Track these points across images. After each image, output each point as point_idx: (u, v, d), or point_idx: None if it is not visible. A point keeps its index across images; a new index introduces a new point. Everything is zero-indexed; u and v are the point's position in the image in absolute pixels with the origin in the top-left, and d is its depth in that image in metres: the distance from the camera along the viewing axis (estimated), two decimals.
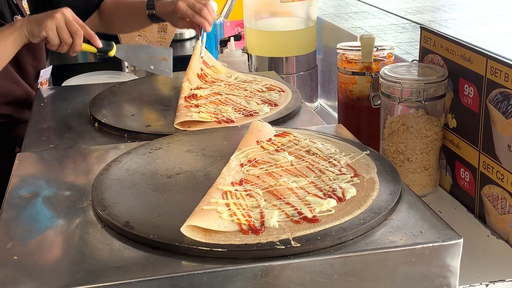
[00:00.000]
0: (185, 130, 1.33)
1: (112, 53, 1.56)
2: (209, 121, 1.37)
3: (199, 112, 1.41)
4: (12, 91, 1.66)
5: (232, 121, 1.36)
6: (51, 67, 1.81)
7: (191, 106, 1.46)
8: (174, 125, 1.36)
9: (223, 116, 1.39)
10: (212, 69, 1.68)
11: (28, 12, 1.75)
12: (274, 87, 1.58)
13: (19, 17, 1.69)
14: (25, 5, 1.74)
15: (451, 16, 8.48)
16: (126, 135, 1.35)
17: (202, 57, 1.67)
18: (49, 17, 1.43)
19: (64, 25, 1.44)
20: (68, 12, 1.46)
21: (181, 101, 1.49)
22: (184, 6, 1.64)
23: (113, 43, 1.56)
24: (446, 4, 9.11)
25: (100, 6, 1.84)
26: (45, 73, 1.76)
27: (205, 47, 1.70)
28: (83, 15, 1.78)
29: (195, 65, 1.63)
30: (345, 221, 0.92)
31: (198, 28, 1.67)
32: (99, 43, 1.52)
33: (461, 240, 0.90)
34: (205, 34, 1.67)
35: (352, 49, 1.63)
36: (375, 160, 1.12)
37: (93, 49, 1.55)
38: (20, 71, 1.70)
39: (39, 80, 1.75)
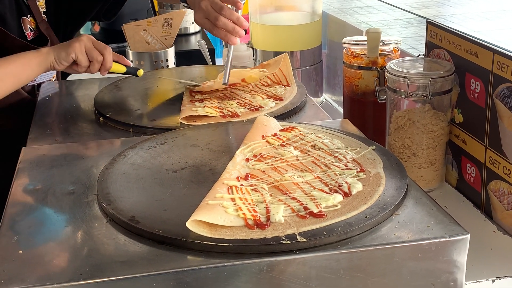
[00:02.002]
0: (190, 125, 1.33)
1: (141, 73, 1.60)
2: (214, 115, 1.37)
3: (204, 107, 1.40)
4: (7, 97, 1.58)
5: (237, 116, 1.36)
6: (54, 71, 1.76)
7: (196, 100, 1.46)
8: (179, 120, 1.36)
9: (228, 110, 1.39)
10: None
11: (42, 10, 1.73)
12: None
13: (26, 18, 1.67)
14: (39, 2, 1.72)
15: (457, 10, 8.46)
16: (131, 130, 1.35)
17: (225, 84, 1.46)
18: (76, 41, 1.48)
19: (91, 45, 1.50)
20: (92, 37, 1.52)
21: (186, 96, 1.49)
22: (200, 17, 1.44)
23: (140, 67, 1.64)
24: None
25: None
26: (43, 76, 1.71)
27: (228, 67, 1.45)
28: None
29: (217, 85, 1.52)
30: (351, 216, 0.92)
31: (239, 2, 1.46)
32: (128, 62, 1.57)
33: (468, 236, 0.89)
34: (231, 51, 1.44)
35: (358, 44, 1.63)
36: (381, 155, 1.11)
37: (122, 69, 1.57)
38: None
39: (33, 83, 1.71)
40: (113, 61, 1.54)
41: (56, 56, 1.48)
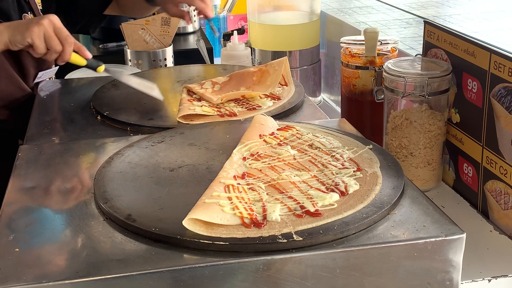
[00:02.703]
0: (188, 124, 1.33)
1: (101, 69, 1.48)
2: (212, 114, 1.37)
3: (201, 106, 1.40)
4: (11, 93, 1.60)
5: (235, 115, 1.36)
6: (56, 68, 1.75)
7: (193, 100, 1.46)
8: (177, 119, 1.36)
9: (226, 109, 1.39)
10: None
11: (40, 7, 1.73)
12: None
13: (27, 15, 1.66)
14: (37, 0, 1.72)
15: (455, 11, 8.46)
16: (128, 128, 1.35)
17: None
18: (36, 24, 1.34)
19: (52, 32, 1.36)
20: (56, 19, 1.38)
21: (184, 95, 1.49)
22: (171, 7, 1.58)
23: (102, 62, 1.50)
24: None
25: None
26: (46, 74, 1.71)
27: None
28: (97, 6, 1.76)
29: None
30: (348, 215, 0.92)
31: (188, 16, 1.62)
32: (89, 54, 1.44)
33: (464, 235, 0.89)
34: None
35: (355, 43, 1.63)
36: (378, 155, 1.11)
37: (82, 62, 1.45)
38: (21, 73, 1.64)
39: (35, 81, 1.69)
40: (74, 51, 1.42)
41: (11, 37, 1.35)
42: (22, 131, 1.38)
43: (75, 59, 1.42)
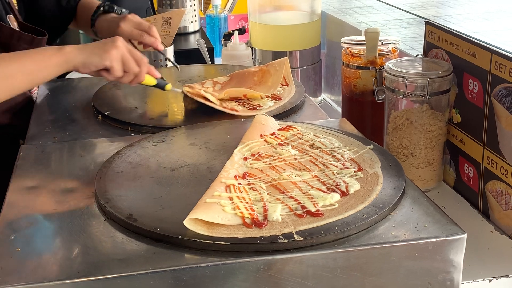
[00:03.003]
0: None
1: (169, 87, 1.43)
2: (215, 103, 1.39)
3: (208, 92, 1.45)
4: (13, 97, 1.49)
5: (236, 111, 1.37)
6: None
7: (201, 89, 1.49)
8: (183, 89, 1.43)
9: (227, 106, 1.40)
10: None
11: (17, 8, 1.70)
12: None
13: (11, 16, 1.61)
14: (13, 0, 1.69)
15: (456, 11, 8.46)
16: (129, 128, 1.35)
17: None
18: (112, 46, 1.29)
19: (129, 55, 1.32)
20: (125, 42, 1.34)
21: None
22: (128, 27, 1.54)
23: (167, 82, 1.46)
24: None
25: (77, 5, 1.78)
26: None
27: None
28: (59, 23, 1.71)
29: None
30: (349, 215, 0.92)
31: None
32: (158, 74, 1.41)
33: (465, 236, 0.89)
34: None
35: (356, 43, 1.63)
36: (379, 155, 1.11)
37: (152, 82, 1.40)
38: None
39: None
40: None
41: (86, 59, 1.28)
42: (23, 132, 1.37)
43: (146, 79, 1.39)
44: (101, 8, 1.67)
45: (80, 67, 1.29)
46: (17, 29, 1.54)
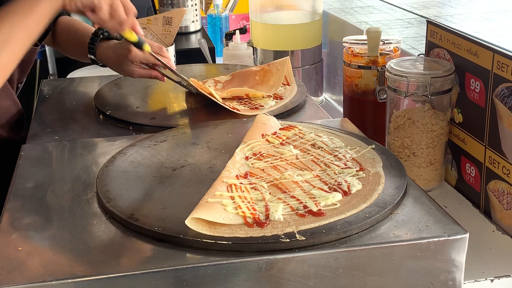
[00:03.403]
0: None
1: (147, 48, 1.39)
2: (218, 99, 1.40)
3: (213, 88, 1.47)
4: (9, 110, 1.47)
5: (238, 110, 1.37)
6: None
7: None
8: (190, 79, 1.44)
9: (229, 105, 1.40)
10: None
11: None
12: None
13: None
14: None
15: (457, 11, 8.46)
16: (131, 127, 1.35)
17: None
18: None
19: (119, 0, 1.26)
20: None
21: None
22: (140, 52, 1.40)
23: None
24: None
25: (56, 21, 1.61)
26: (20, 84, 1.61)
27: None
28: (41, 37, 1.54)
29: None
30: (350, 215, 0.92)
31: (158, 74, 1.47)
32: (141, 31, 1.36)
33: (467, 235, 0.89)
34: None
35: (358, 43, 1.63)
36: (381, 154, 1.11)
37: (133, 37, 1.36)
38: (12, 86, 1.51)
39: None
40: None
41: None
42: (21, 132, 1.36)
43: (128, 33, 1.34)
44: (101, 36, 1.52)
45: (66, 5, 1.20)
46: None
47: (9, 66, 1.13)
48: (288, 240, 0.86)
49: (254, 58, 2.03)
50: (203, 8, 2.72)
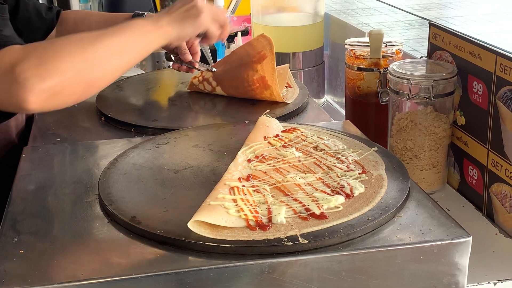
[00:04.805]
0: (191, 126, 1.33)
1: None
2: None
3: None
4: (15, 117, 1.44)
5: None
6: None
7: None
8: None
9: None
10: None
11: None
12: None
13: None
14: None
15: (458, 13, 8.45)
16: (132, 130, 1.35)
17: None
18: (197, 10, 1.22)
19: (212, 10, 1.27)
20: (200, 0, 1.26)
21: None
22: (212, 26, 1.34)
23: None
24: (453, 1, 9.08)
25: (59, 18, 1.59)
26: None
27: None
28: (43, 33, 1.56)
29: None
30: (353, 218, 0.91)
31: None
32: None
33: (470, 238, 0.89)
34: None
35: (360, 45, 1.62)
36: (383, 157, 1.11)
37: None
38: None
39: None
40: None
41: (180, 32, 1.21)
42: (24, 133, 1.35)
43: None
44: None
45: (174, 40, 1.22)
46: None
47: (113, 75, 1.12)
48: (290, 243, 0.86)
49: None
50: None
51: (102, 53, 1.06)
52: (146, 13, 1.53)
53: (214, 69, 1.51)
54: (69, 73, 1.01)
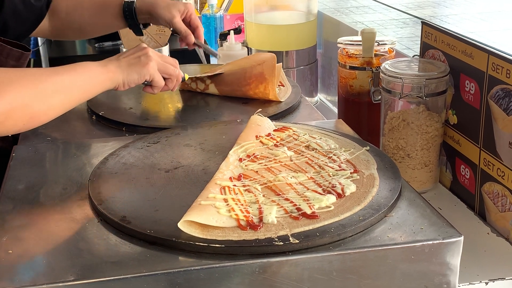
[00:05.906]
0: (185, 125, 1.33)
1: (186, 77, 1.45)
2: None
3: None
4: None
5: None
6: None
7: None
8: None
9: None
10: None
11: None
12: None
13: None
14: None
15: (452, 11, 8.47)
16: (124, 129, 1.34)
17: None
18: (146, 59, 1.26)
19: (162, 61, 1.30)
20: (154, 50, 1.31)
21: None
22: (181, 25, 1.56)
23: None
24: None
25: (49, 7, 1.59)
26: None
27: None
28: (32, 24, 1.56)
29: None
30: (344, 217, 0.91)
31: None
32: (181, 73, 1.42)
33: (462, 238, 0.89)
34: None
35: (352, 44, 1.62)
36: (375, 156, 1.11)
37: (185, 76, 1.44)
38: None
39: None
40: None
41: (126, 78, 1.23)
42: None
43: None
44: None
45: (120, 86, 1.24)
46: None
47: (56, 110, 1.15)
48: (281, 243, 0.85)
49: None
50: (198, 8, 2.71)
51: (48, 88, 1.10)
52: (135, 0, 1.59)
53: (219, 55, 1.53)
54: (15, 105, 1.04)
